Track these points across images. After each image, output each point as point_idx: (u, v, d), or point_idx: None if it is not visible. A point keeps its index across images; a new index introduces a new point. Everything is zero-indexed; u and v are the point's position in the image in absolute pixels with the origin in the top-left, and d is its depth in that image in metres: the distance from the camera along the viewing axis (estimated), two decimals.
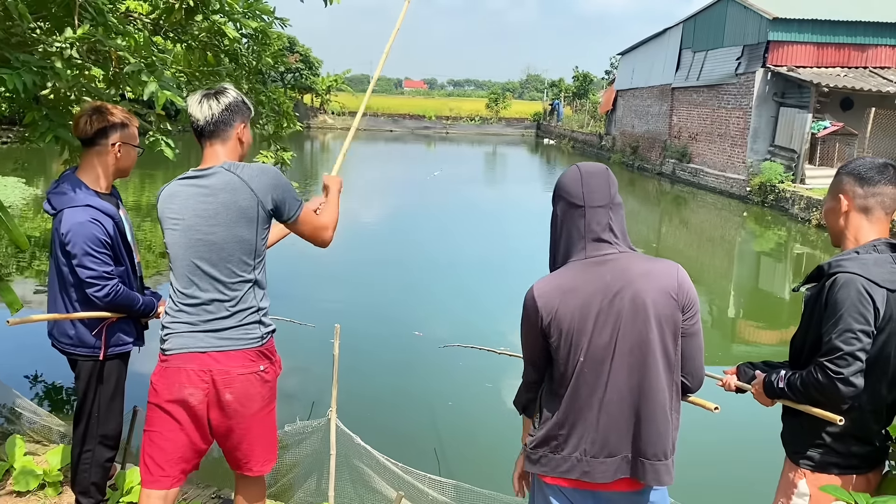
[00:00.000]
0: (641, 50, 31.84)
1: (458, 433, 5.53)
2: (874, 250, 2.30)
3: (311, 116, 49.03)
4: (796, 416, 2.39)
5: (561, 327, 2.09)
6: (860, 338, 2.16)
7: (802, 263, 14.32)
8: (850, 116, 19.87)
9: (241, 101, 2.60)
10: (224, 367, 2.46)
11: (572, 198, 2.19)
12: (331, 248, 2.71)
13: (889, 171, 2.33)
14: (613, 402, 2.10)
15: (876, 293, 2.19)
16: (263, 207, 2.46)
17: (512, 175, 29.13)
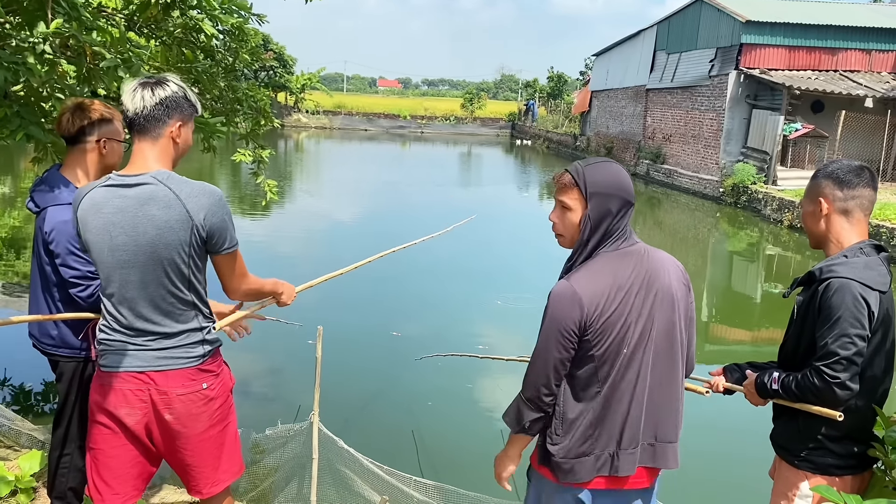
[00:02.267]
0: (616, 51, 32.05)
1: (442, 435, 5.47)
2: (861, 253, 2.32)
3: (286, 115, 48.67)
4: (793, 418, 2.39)
5: (606, 321, 2.08)
6: (856, 342, 2.19)
7: (774, 264, 14.50)
8: (820, 119, 20.16)
9: (181, 97, 2.34)
10: (162, 387, 2.31)
11: (629, 196, 2.22)
12: (315, 243, 2.61)
13: (866, 174, 2.39)
14: (643, 392, 2.16)
15: (870, 296, 2.22)
16: (197, 232, 2.24)
17: (487, 177, 29.10)
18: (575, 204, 2.19)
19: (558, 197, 2.23)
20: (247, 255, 2.51)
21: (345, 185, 22.36)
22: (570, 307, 2.08)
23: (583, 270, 2.14)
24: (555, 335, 2.09)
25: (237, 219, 15.12)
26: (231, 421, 2.53)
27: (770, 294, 11.85)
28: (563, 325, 2.08)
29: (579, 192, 2.18)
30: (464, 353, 4.27)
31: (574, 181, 2.19)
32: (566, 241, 2.25)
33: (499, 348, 7.72)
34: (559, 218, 2.24)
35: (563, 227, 2.23)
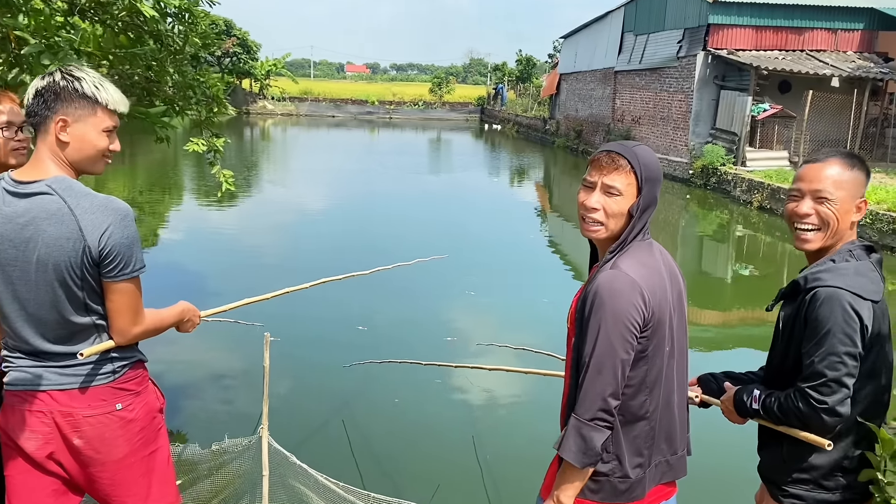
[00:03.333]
0: (584, 33, 31.88)
1: (403, 447, 5.16)
2: (851, 256, 2.05)
3: (251, 102, 47.90)
4: (777, 444, 2.12)
5: (659, 315, 1.91)
6: (846, 362, 1.92)
7: (744, 245, 14.49)
8: (788, 99, 20.19)
9: (63, 87, 2.03)
10: (66, 408, 2.06)
11: (660, 174, 2.04)
12: (281, 237, 2.34)
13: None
14: (681, 390, 2.06)
15: (862, 308, 1.95)
16: (88, 253, 1.98)
17: (458, 163, 28.84)
18: (628, 189, 1.95)
19: (605, 181, 1.97)
20: (204, 252, 2.21)
21: (312, 174, 21.98)
22: (632, 298, 1.85)
23: (627, 259, 1.92)
24: (620, 332, 1.85)
25: (199, 212, 14.83)
26: (161, 446, 2.26)
27: (740, 275, 11.80)
28: (628, 318, 1.85)
29: (635, 176, 1.95)
30: (404, 359, 4.02)
31: (630, 165, 1.95)
32: (604, 230, 1.98)
33: (468, 343, 7.52)
34: (603, 204, 1.97)
35: (609, 214, 1.97)
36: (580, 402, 1.89)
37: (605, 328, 1.85)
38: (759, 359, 7.80)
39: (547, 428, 2.73)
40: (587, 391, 1.88)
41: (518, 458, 4.94)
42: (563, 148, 31.82)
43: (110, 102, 2.12)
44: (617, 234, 1.99)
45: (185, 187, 18.26)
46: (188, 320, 2.43)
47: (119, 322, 2.10)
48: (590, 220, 1.99)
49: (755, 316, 9.79)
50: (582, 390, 1.89)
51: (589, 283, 1.98)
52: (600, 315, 1.86)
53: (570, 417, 1.91)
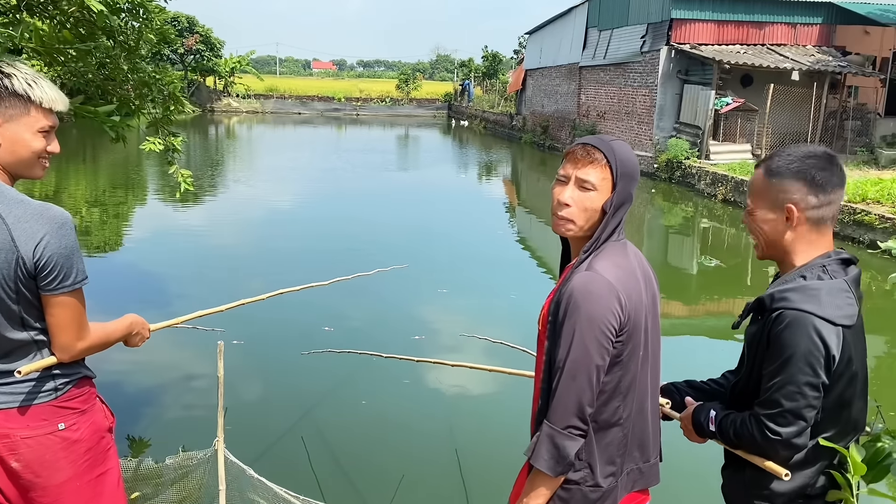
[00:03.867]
0: (548, 29, 31.94)
1: (367, 454, 5.01)
2: (825, 272, 1.86)
3: (215, 100, 47.24)
4: (740, 468, 2.00)
5: (634, 318, 1.85)
6: (805, 393, 1.78)
7: (709, 237, 14.63)
8: (750, 92, 20.42)
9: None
10: (2, 429, 1.94)
11: (637, 171, 1.98)
12: (246, 239, 2.22)
13: (839, 167, 1.90)
14: (654, 396, 1.99)
15: (829, 335, 1.77)
16: (22, 265, 1.87)
17: (427, 159, 28.72)
18: (602, 184, 1.89)
19: (579, 175, 1.90)
20: (167, 254, 2.09)
21: (278, 173, 21.69)
22: (608, 301, 1.78)
23: (602, 260, 1.85)
24: (596, 336, 1.78)
25: (163, 212, 14.54)
26: (110, 468, 2.14)
27: (706, 267, 11.90)
28: (604, 322, 1.78)
29: (610, 171, 1.89)
30: (365, 350, 3.90)
31: (606, 159, 1.89)
32: (576, 227, 1.91)
33: (437, 340, 7.45)
34: (576, 200, 1.90)
35: (581, 211, 1.90)
36: (553, 409, 1.83)
37: (580, 333, 1.78)
38: (722, 351, 7.80)
39: (519, 430, 2.66)
40: (561, 398, 1.81)
41: (489, 463, 4.86)
42: (530, 144, 31.88)
43: (45, 100, 1.98)
44: (589, 231, 1.93)
45: (148, 187, 17.92)
46: (137, 334, 2.32)
47: (61, 338, 1.99)
48: (562, 216, 1.92)
49: (720, 308, 9.87)
50: (555, 397, 1.82)
51: (562, 284, 1.90)
52: (575, 319, 1.79)
53: (543, 424, 1.85)
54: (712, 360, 6.94)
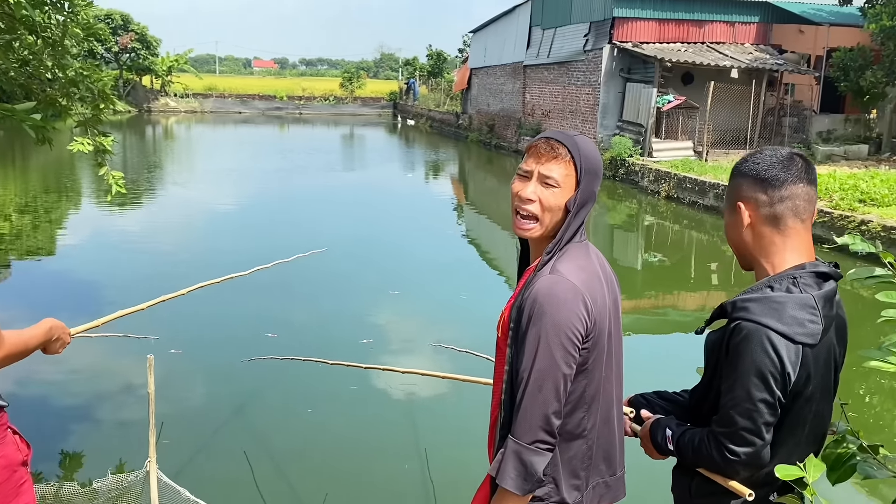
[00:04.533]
0: (492, 28, 32.00)
1: (313, 467, 4.77)
2: (794, 285, 1.74)
3: (152, 99, 45.99)
4: (687, 472, 1.91)
5: (600, 324, 1.75)
6: (760, 411, 1.68)
7: (653, 234, 14.80)
8: (691, 90, 20.77)
9: None
10: None
11: (601, 169, 1.87)
12: (184, 242, 2.02)
13: (797, 165, 1.81)
14: (619, 404, 1.91)
15: (786, 351, 1.67)
16: None
17: (373, 159, 28.44)
18: (566, 181, 1.78)
19: (542, 170, 1.79)
20: (102, 258, 1.88)
21: (218, 174, 21.14)
22: (575, 306, 1.67)
23: (566, 262, 1.74)
24: (563, 344, 1.67)
25: (98, 215, 13.99)
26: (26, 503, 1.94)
27: (650, 264, 12.01)
28: (570, 329, 1.67)
29: (575, 167, 1.78)
30: (309, 357, 3.72)
31: (570, 154, 1.78)
32: (538, 226, 1.80)
33: (387, 344, 7.28)
34: (540, 195, 1.79)
35: (545, 208, 1.79)
36: (519, 424, 1.70)
37: (545, 341, 1.67)
38: (664, 347, 7.79)
39: (478, 440, 2.53)
40: (526, 411, 1.69)
41: (445, 476, 4.70)
42: (477, 142, 31.89)
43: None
44: (551, 231, 1.82)
45: (83, 190, 17.27)
46: (57, 339, 2.12)
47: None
48: (524, 214, 1.81)
49: (666, 303, 9.95)
50: (520, 410, 1.70)
51: (524, 288, 1.78)
52: (540, 326, 1.67)
53: (508, 440, 1.72)
54: (656, 356, 6.96)
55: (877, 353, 1.70)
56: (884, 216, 11.35)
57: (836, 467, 1.90)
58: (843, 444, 1.96)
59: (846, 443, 1.96)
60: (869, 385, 6.58)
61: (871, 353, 1.69)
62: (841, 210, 12.04)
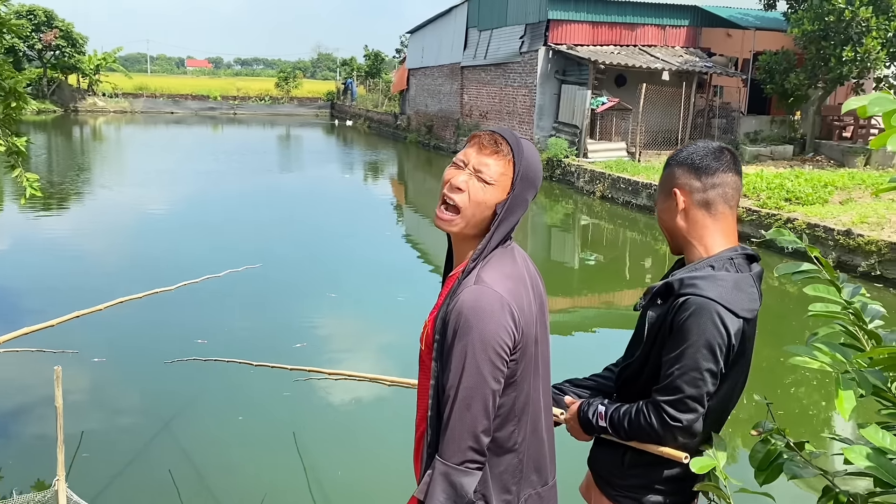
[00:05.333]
0: (430, 28, 31.97)
1: (242, 482, 4.56)
2: (732, 265, 1.92)
3: (79, 99, 44.36)
4: (616, 449, 2.01)
5: (527, 334, 1.67)
6: (706, 380, 1.82)
7: (589, 233, 14.99)
8: (624, 92, 21.13)
9: None
10: None
11: (539, 181, 1.77)
12: (108, 248, 1.87)
13: (726, 156, 1.99)
14: (547, 411, 1.84)
15: (731, 324, 1.83)
16: None
17: (310, 160, 28.04)
18: (501, 180, 1.68)
19: (479, 164, 1.68)
20: (23, 265, 1.72)
21: (148, 177, 20.49)
22: (501, 318, 1.59)
23: (491, 271, 1.64)
24: (490, 358, 1.58)
25: (21, 220, 13.36)
26: None
27: (586, 262, 12.15)
28: (498, 342, 1.58)
29: (513, 167, 1.68)
30: (233, 359, 3.57)
31: (512, 153, 1.68)
32: (460, 220, 1.69)
33: (321, 349, 7.13)
34: (471, 187, 1.67)
35: (472, 202, 1.67)
36: (446, 444, 1.61)
37: (472, 356, 1.58)
38: (605, 345, 7.91)
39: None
40: (454, 430, 1.60)
41: (380, 485, 4.61)
42: (415, 143, 31.80)
43: None
44: (473, 230, 1.71)
45: (4, 192, 16.53)
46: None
47: None
48: (449, 202, 1.70)
49: (602, 301, 10.07)
50: (448, 429, 1.61)
51: (448, 298, 1.68)
52: (466, 340, 1.58)
53: (435, 461, 1.62)
54: (597, 353, 7.00)
55: (802, 350, 1.71)
56: (808, 214, 11.74)
57: (764, 467, 1.91)
58: (770, 443, 1.96)
59: (773, 442, 1.96)
60: (793, 380, 6.76)
61: (797, 349, 1.70)
62: (768, 208, 12.39)
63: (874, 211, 11.36)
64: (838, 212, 11.72)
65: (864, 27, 16.13)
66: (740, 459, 2.07)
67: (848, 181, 13.90)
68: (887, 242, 9.85)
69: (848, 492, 1.78)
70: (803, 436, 1.99)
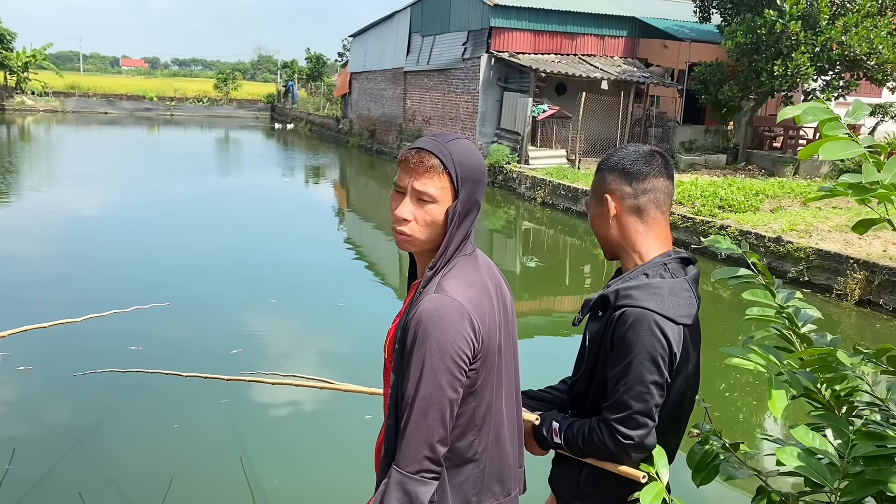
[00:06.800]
0: (372, 33, 31.87)
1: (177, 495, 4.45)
2: (666, 271, 1.88)
3: (6, 97, 42.66)
4: (576, 465, 1.97)
5: (488, 342, 1.65)
6: (653, 393, 1.78)
7: (530, 238, 15.15)
8: (564, 100, 21.46)
9: None
10: None
11: (484, 174, 1.74)
12: (30, 256, 1.76)
13: (657, 161, 1.95)
14: (511, 422, 1.81)
15: (671, 332, 1.79)
16: None
17: (249, 163, 27.56)
18: (442, 194, 1.66)
19: (416, 186, 1.65)
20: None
21: (78, 180, 19.81)
22: (460, 327, 1.57)
23: (452, 279, 1.64)
24: (448, 367, 1.56)
25: None
26: None
27: (527, 267, 12.26)
28: (456, 351, 1.57)
29: (449, 178, 1.66)
30: (158, 370, 3.45)
31: (442, 164, 1.65)
32: (417, 242, 1.68)
33: (260, 355, 7.00)
34: (416, 214, 1.66)
35: (423, 226, 1.66)
36: (402, 452, 1.59)
37: (430, 364, 1.57)
38: (549, 351, 7.94)
39: (365, 457, 2.41)
40: (410, 438, 1.58)
41: (328, 495, 4.53)
42: (358, 147, 31.63)
43: None
44: (435, 244, 1.70)
45: None
46: None
47: None
48: (401, 233, 1.69)
49: (542, 306, 10.17)
50: (404, 437, 1.59)
51: (409, 307, 1.67)
52: (425, 349, 1.57)
53: (391, 470, 1.61)
54: (537, 357, 7.07)
55: (738, 351, 1.74)
56: (740, 221, 12.11)
57: (701, 468, 1.96)
58: (707, 444, 2.00)
59: (710, 443, 2.00)
60: (729, 383, 6.95)
61: (733, 350, 1.73)
62: (703, 216, 12.74)
63: (802, 219, 11.79)
64: (769, 219, 12.12)
65: (793, 41, 16.75)
66: (678, 461, 2.09)
67: (778, 190, 14.40)
68: (815, 249, 10.23)
69: (780, 491, 1.83)
70: (739, 437, 2.03)
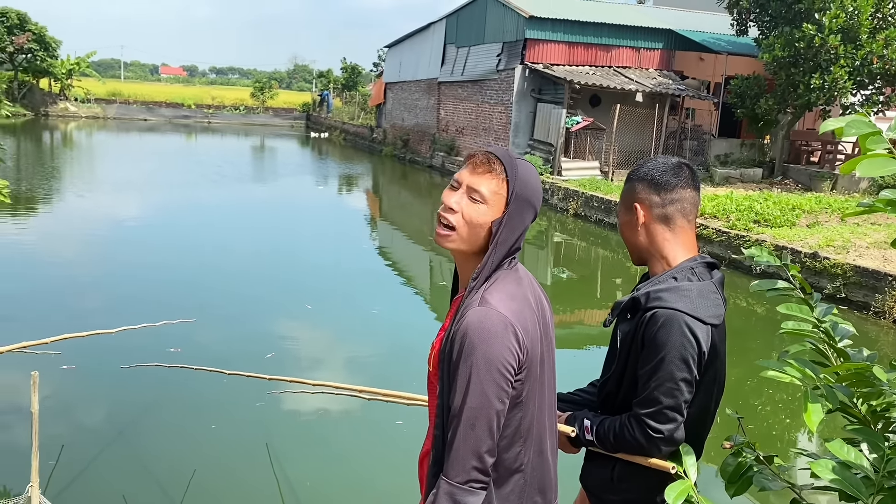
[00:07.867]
0: (407, 44, 32.13)
1: (213, 491, 4.54)
2: (693, 275, 1.98)
3: (50, 103, 43.72)
4: (607, 464, 2.05)
5: (531, 355, 1.69)
6: (682, 389, 1.88)
7: (562, 250, 15.11)
8: (598, 112, 21.42)
9: None
10: None
11: (539, 202, 1.78)
12: (79, 260, 1.86)
13: (685, 172, 2.05)
14: (552, 433, 1.84)
15: (700, 332, 1.89)
16: None
17: (284, 171, 27.90)
18: (494, 198, 1.69)
19: (471, 183, 1.70)
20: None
21: (119, 186, 20.23)
22: (505, 338, 1.61)
23: (496, 292, 1.66)
24: (495, 379, 1.60)
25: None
26: None
27: (559, 278, 12.24)
28: (502, 363, 1.60)
29: (507, 186, 1.69)
30: (202, 367, 3.55)
31: (505, 172, 1.69)
32: (456, 237, 1.71)
33: (295, 360, 7.11)
34: (464, 207, 1.70)
35: (465, 221, 1.70)
36: (451, 463, 1.62)
37: (477, 376, 1.60)
38: (580, 362, 7.94)
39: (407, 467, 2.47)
40: (458, 449, 1.61)
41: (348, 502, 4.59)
42: (391, 156, 31.84)
43: None
44: (473, 248, 1.74)
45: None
46: None
47: None
48: (444, 221, 1.73)
49: (574, 317, 10.15)
50: (452, 448, 1.62)
51: (454, 320, 1.71)
52: (471, 361, 1.60)
53: (440, 480, 1.65)
54: (573, 369, 7.05)
55: (774, 364, 1.76)
56: (776, 236, 11.97)
57: (734, 480, 1.97)
58: (740, 456, 2.02)
59: (743, 455, 2.02)
60: (762, 398, 6.88)
61: (769, 363, 1.75)
62: (737, 230, 12.62)
63: (840, 235, 11.62)
64: (805, 235, 11.97)
65: (832, 55, 16.53)
66: (712, 472, 2.12)
67: (815, 205, 14.20)
68: (852, 266, 10.08)
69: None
70: (772, 450, 2.05)
